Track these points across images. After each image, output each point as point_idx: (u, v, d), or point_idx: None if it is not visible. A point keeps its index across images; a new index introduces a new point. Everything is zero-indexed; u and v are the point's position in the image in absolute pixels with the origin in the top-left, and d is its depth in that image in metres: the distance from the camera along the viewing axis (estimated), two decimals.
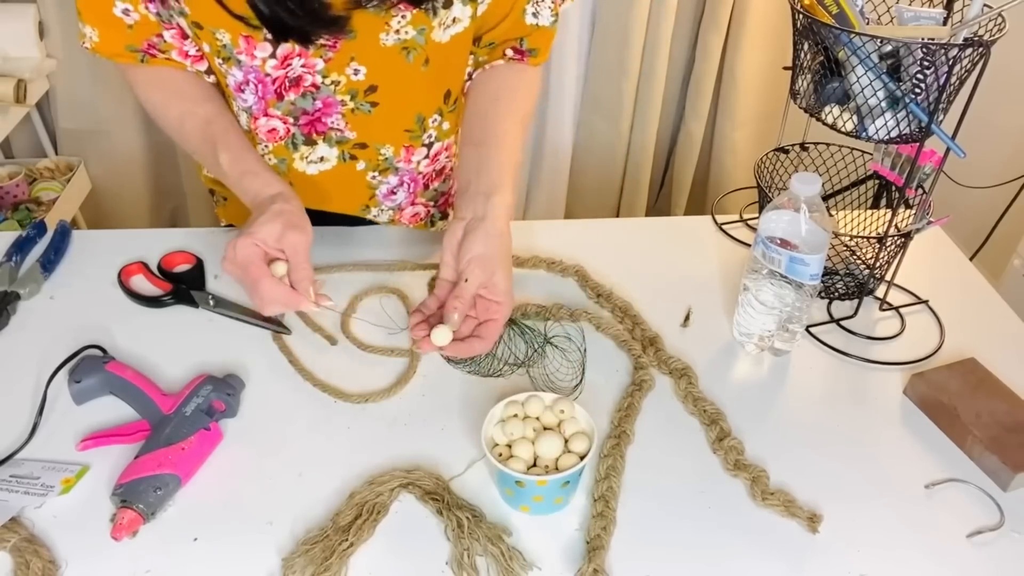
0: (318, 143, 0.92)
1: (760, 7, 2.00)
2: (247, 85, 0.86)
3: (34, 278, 0.95)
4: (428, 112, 0.94)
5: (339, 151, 0.93)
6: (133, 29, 0.84)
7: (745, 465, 0.76)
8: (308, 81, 0.86)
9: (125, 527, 0.67)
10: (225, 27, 0.80)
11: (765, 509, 0.73)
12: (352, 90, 0.87)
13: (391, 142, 0.94)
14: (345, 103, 0.88)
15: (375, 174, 0.97)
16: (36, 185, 1.99)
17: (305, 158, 0.93)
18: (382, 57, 0.85)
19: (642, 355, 0.87)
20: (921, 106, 0.83)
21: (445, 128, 0.97)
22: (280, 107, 0.88)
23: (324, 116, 0.89)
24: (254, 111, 0.89)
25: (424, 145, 0.97)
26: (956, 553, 0.70)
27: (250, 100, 0.88)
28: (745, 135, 2.20)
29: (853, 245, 1.00)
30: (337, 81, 0.86)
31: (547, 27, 0.92)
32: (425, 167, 1.00)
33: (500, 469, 0.68)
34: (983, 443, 0.77)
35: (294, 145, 0.92)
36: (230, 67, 0.85)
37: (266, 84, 0.86)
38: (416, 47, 0.85)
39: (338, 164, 0.94)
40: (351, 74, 0.86)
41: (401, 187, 1.00)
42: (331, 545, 0.67)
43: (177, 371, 0.84)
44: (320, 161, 0.94)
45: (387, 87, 0.88)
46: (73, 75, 1.98)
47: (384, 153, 0.95)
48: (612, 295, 0.96)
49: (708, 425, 0.80)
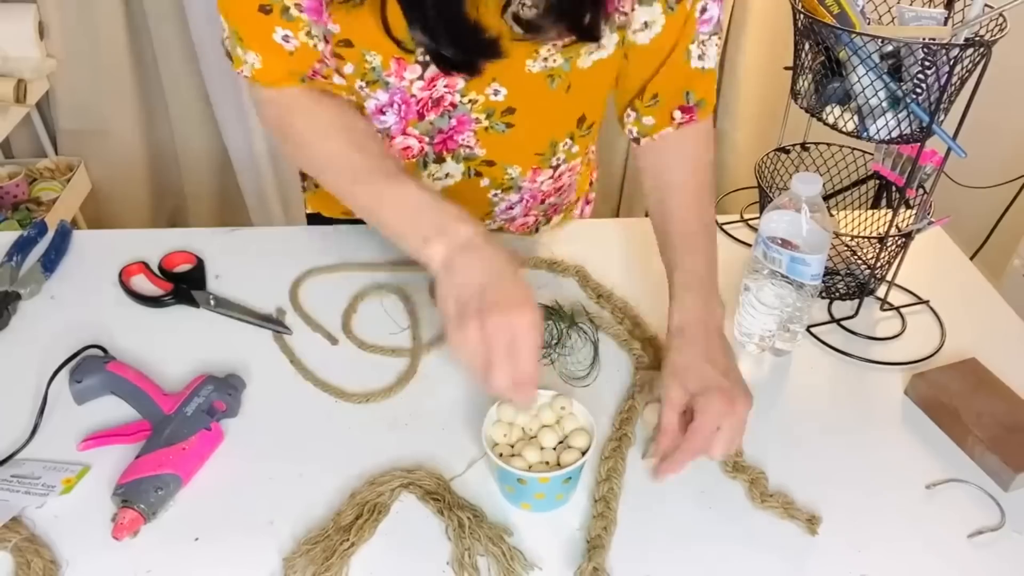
0: (446, 160, 0.90)
1: (760, 7, 2.00)
2: (390, 107, 0.84)
3: (35, 278, 0.95)
4: (561, 137, 0.92)
5: (465, 167, 0.91)
6: (295, 56, 0.79)
7: (743, 467, 0.76)
8: (447, 100, 0.84)
9: (126, 527, 0.67)
10: (377, 49, 0.78)
11: (765, 511, 0.73)
12: (489, 109, 0.85)
13: (520, 163, 0.92)
14: (479, 121, 0.86)
15: (498, 191, 0.95)
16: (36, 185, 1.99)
17: (432, 176, 0.92)
18: (525, 81, 0.83)
19: (643, 355, 0.87)
20: (922, 106, 0.83)
21: (574, 151, 0.96)
22: (419, 127, 0.86)
23: (456, 134, 0.87)
24: (392, 131, 0.87)
25: (551, 167, 0.95)
26: (957, 553, 0.70)
27: (390, 121, 0.86)
28: (745, 135, 2.20)
29: (854, 245, 1.00)
30: (475, 100, 0.84)
31: (712, 70, 0.86)
32: (547, 186, 0.99)
33: (501, 467, 0.68)
34: (984, 443, 0.77)
35: (424, 164, 0.91)
36: (374, 90, 0.83)
37: (410, 105, 0.84)
38: (561, 74, 0.84)
39: (462, 180, 0.93)
40: (490, 94, 0.84)
41: (520, 203, 0.99)
42: (332, 545, 0.67)
43: (178, 371, 0.84)
44: (445, 178, 0.92)
45: (525, 110, 0.86)
46: (73, 75, 1.98)
47: (511, 173, 0.93)
48: (612, 295, 0.96)
49: None
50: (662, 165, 0.89)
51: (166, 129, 2.15)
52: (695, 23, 0.83)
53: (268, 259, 1.00)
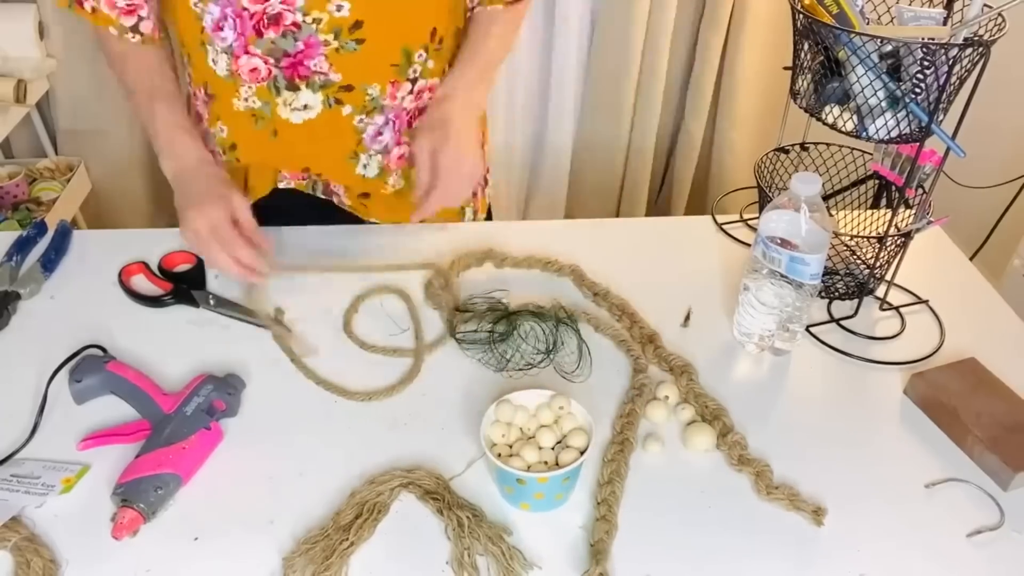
0: (301, 88, 0.91)
1: (760, 7, 2.00)
2: (225, 21, 0.85)
3: (35, 278, 0.95)
4: (414, 46, 0.93)
5: (323, 96, 0.92)
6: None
7: (749, 460, 0.76)
8: (288, 20, 0.84)
9: (126, 526, 0.67)
10: None
11: (770, 503, 0.73)
12: (336, 28, 0.86)
13: (377, 80, 0.93)
14: (328, 43, 0.87)
15: (362, 116, 0.96)
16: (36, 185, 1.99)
17: (289, 104, 0.92)
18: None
19: (641, 356, 0.87)
20: (921, 106, 0.83)
21: (430, 66, 0.97)
22: (260, 44, 0.87)
23: (306, 59, 0.88)
24: (234, 49, 0.88)
25: (409, 80, 0.96)
26: (956, 553, 0.70)
27: (229, 38, 0.87)
28: (745, 135, 2.20)
29: (853, 245, 1.00)
30: (319, 19, 0.84)
31: None
32: (409, 103, 0.99)
33: (500, 467, 0.68)
34: (983, 443, 0.77)
35: (276, 89, 0.91)
36: (206, 5, 0.85)
37: (244, 19, 0.84)
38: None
39: (323, 111, 0.93)
40: (333, 11, 0.84)
41: (387, 126, 0.99)
42: (332, 544, 0.67)
43: (178, 370, 0.84)
44: (304, 109, 0.93)
45: (373, 21, 0.87)
46: (73, 75, 1.98)
47: (371, 93, 0.94)
48: (609, 294, 0.96)
49: (711, 422, 0.80)
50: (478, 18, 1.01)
51: None
52: None
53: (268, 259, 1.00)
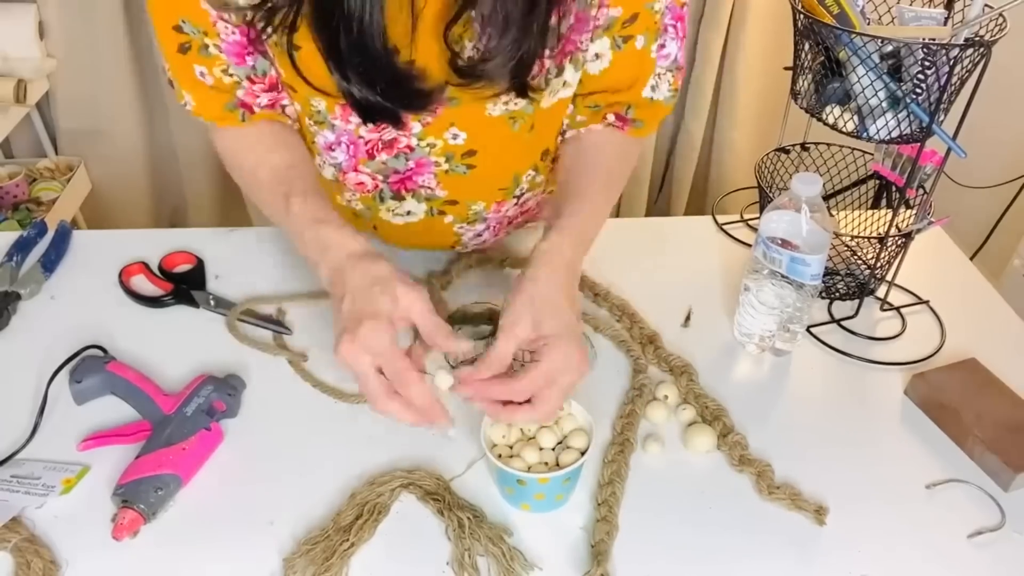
0: (406, 198, 0.89)
1: (760, 7, 2.00)
2: (338, 145, 0.83)
3: (35, 278, 0.95)
4: (524, 170, 0.91)
5: (427, 207, 0.90)
6: (215, 89, 0.79)
7: (751, 460, 0.76)
8: (403, 143, 0.82)
9: (126, 527, 0.67)
10: (320, 96, 0.77)
11: (771, 503, 0.73)
12: (448, 153, 0.83)
13: (483, 199, 0.91)
14: (439, 164, 0.84)
15: (463, 225, 0.94)
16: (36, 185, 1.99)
17: (392, 211, 0.91)
18: (486, 125, 0.81)
19: (641, 356, 0.87)
20: (922, 106, 0.83)
21: (538, 181, 0.94)
22: (370, 165, 0.85)
23: (415, 175, 0.86)
24: (343, 167, 0.86)
25: (515, 198, 0.94)
26: (957, 553, 0.70)
27: (340, 158, 0.85)
28: (745, 135, 2.20)
29: (854, 245, 1.00)
30: (433, 144, 0.82)
31: (662, 103, 0.86)
32: (512, 212, 0.97)
33: (501, 468, 0.68)
34: (984, 443, 0.77)
35: (381, 199, 0.89)
36: (322, 129, 0.82)
37: (358, 145, 0.82)
38: (523, 116, 0.82)
39: (425, 218, 0.91)
40: (449, 138, 0.81)
41: (487, 231, 0.97)
42: (332, 545, 0.67)
43: (178, 371, 0.84)
44: (407, 215, 0.91)
45: (486, 152, 0.84)
46: (73, 75, 1.98)
47: (475, 208, 0.91)
48: (609, 294, 0.96)
49: (712, 422, 0.80)
50: (587, 145, 0.88)
51: (166, 129, 2.15)
52: (653, 61, 0.83)
53: (268, 259, 1.00)
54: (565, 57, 0.78)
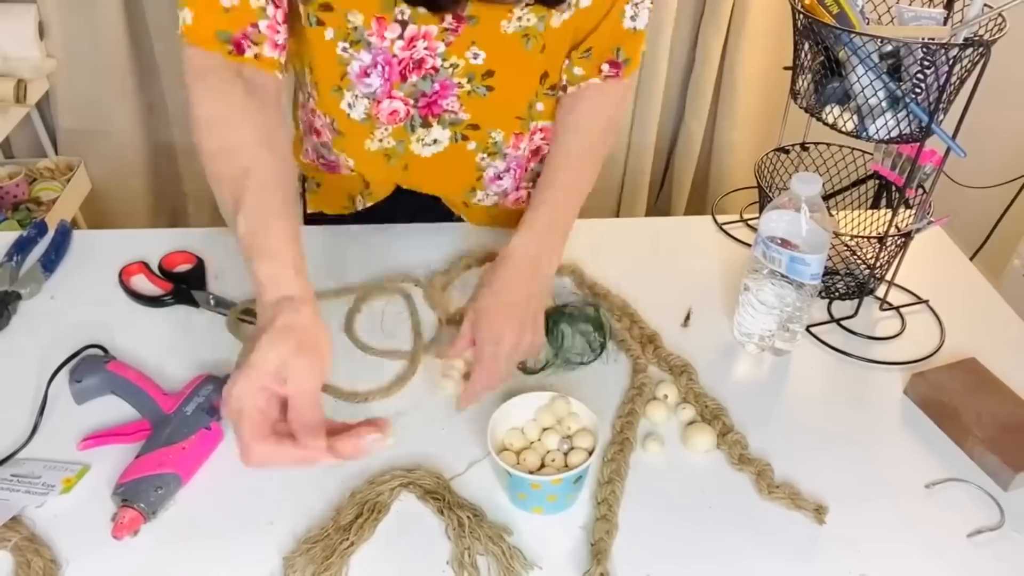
0: (433, 125, 0.93)
1: (760, 7, 2.00)
2: (374, 68, 0.87)
3: (35, 278, 0.95)
4: (533, 97, 0.95)
5: (451, 132, 0.94)
6: (230, 14, 0.78)
7: (750, 459, 0.76)
8: (429, 63, 0.87)
9: (126, 526, 0.67)
10: (358, 7, 0.81)
11: (771, 502, 0.73)
12: (470, 73, 0.88)
13: (502, 127, 0.95)
14: (462, 85, 0.89)
15: (484, 155, 0.98)
16: (36, 185, 1.99)
17: (421, 140, 0.94)
18: (502, 43, 0.86)
19: (640, 356, 0.87)
20: (921, 106, 0.83)
21: (540, 110, 0.98)
22: (403, 88, 0.89)
23: (440, 99, 0.90)
24: (378, 94, 0.89)
25: (530, 132, 0.99)
26: (956, 553, 0.70)
27: (375, 84, 0.88)
28: (745, 135, 2.20)
29: (853, 245, 1.00)
30: (456, 64, 0.87)
31: (641, 31, 0.93)
32: (526, 149, 1.01)
33: (514, 475, 0.68)
34: (984, 443, 0.77)
35: (412, 128, 0.93)
36: (358, 50, 0.85)
37: (392, 66, 0.87)
38: (536, 35, 0.87)
39: (450, 145, 0.95)
40: (470, 57, 0.87)
41: (508, 173, 1.01)
42: (332, 544, 0.67)
43: (178, 370, 0.84)
44: (434, 143, 0.95)
45: (504, 72, 0.89)
46: (73, 75, 1.98)
47: (494, 137, 0.96)
48: (609, 294, 0.96)
49: (711, 421, 0.80)
50: (577, 112, 0.96)
51: (166, 129, 2.15)
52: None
53: None
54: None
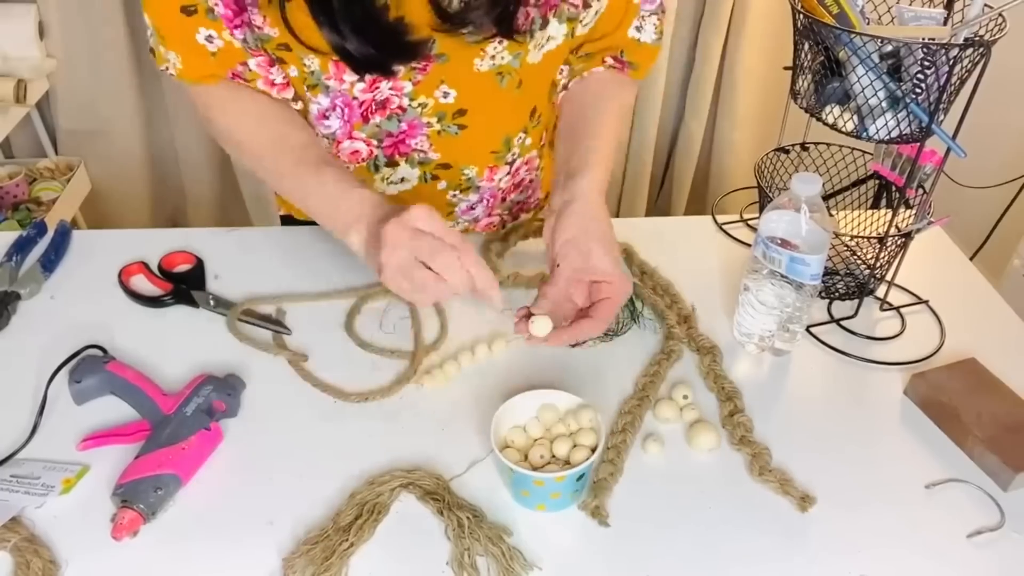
0: (400, 164, 0.90)
1: (760, 7, 2.00)
2: (332, 111, 0.85)
3: (34, 278, 0.95)
4: (515, 132, 0.92)
5: (421, 171, 0.91)
6: (216, 57, 0.80)
7: (750, 441, 0.77)
8: (395, 103, 0.84)
9: (126, 527, 0.67)
10: (313, 53, 0.78)
11: (761, 484, 0.74)
12: (440, 112, 0.85)
13: (476, 164, 0.92)
14: (431, 125, 0.86)
15: (456, 192, 0.95)
16: (36, 185, 1.99)
17: (386, 179, 0.92)
18: (474, 82, 0.83)
19: (675, 326, 0.90)
20: (921, 106, 0.83)
21: (527, 144, 0.96)
22: (365, 130, 0.86)
23: (408, 138, 0.87)
24: (337, 135, 0.87)
25: (507, 163, 0.95)
26: (956, 553, 0.70)
27: (335, 126, 0.86)
28: (745, 135, 2.20)
29: (853, 245, 1.00)
30: (424, 104, 0.84)
31: (649, 44, 0.92)
32: (505, 183, 0.99)
33: (517, 472, 0.68)
34: (984, 443, 0.77)
35: (376, 167, 0.91)
36: (315, 94, 0.83)
37: (352, 108, 0.84)
38: (511, 71, 0.84)
39: (419, 184, 0.93)
40: (440, 97, 0.84)
41: (480, 203, 0.99)
42: (331, 545, 0.67)
43: (177, 371, 0.84)
44: (401, 182, 0.92)
45: (477, 110, 0.86)
46: (73, 75, 1.98)
47: (467, 174, 0.93)
48: (656, 273, 0.99)
49: (724, 402, 0.82)
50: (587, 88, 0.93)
51: (166, 129, 2.15)
52: (636, 7, 0.89)
53: (268, 259, 1.01)
54: (550, 10, 0.81)
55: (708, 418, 0.81)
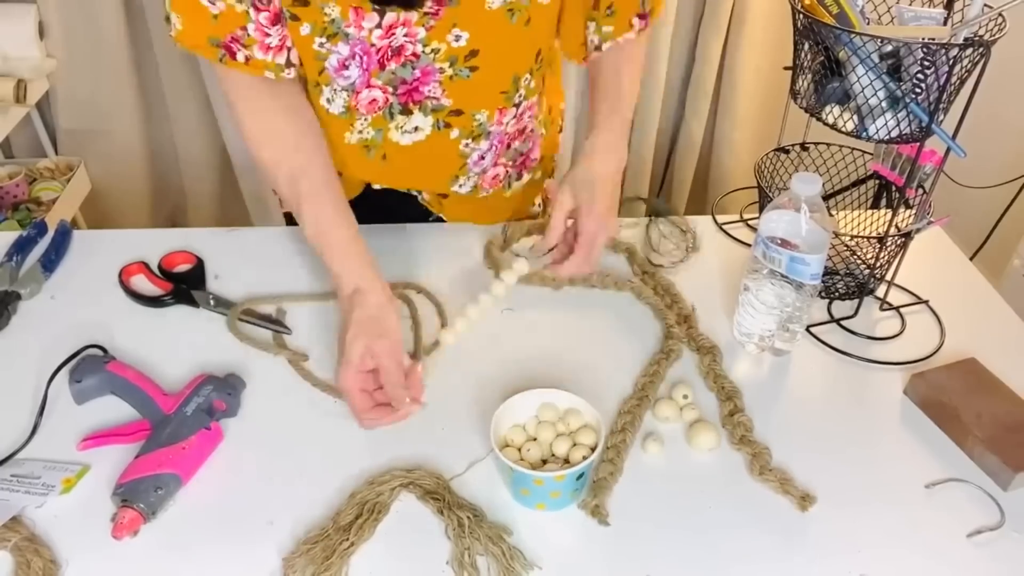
0: (414, 112, 0.92)
1: (760, 7, 2.00)
2: (352, 59, 0.86)
3: (35, 278, 0.95)
4: (522, 71, 0.94)
5: (434, 119, 0.93)
6: (217, 20, 0.80)
7: (750, 441, 0.77)
8: (409, 50, 0.85)
9: (126, 526, 0.67)
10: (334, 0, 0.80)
11: (761, 484, 0.74)
12: (452, 57, 0.87)
13: (486, 106, 0.94)
14: (443, 70, 0.88)
15: (468, 141, 0.96)
16: (36, 185, 1.99)
17: (400, 127, 0.93)
18: (486, 21, 0.85)
19: (674, 326, 0.90)
20: (921, 106, 0.83)
21: (532, 86, 0.97)
22: (382, 76, 0.88)
23: (421, 85, 0.89)
24: (356, 85, 0.89)
25: (514, 105, 0.97)
26: (956, 553, 0.70)
27: (354, 75, 0.87)
28: (745, 135, 2.20)
29: (853, 245, 1.00)
30: (437, 49, 0.86)
31: None
32: (511, 127, 1.00)
33: (517, 471, 0.68)
34: (983, 443, 0.77)
35: (391, 115, 0.92)
36: (335, 43, 0.84)
37: (371, 55, 0.85)
38: (520, 8, 0.85)
39: (432, 133, 0.94)
40: (452, 40, 0.85)
41: (489, 151, 1.00)
42: (332, 545, 0.67)
43: (177, 371, 0.84)
44: (415, 131, 0.94)
45: (488, 51, 0.88)
46: (73, 75, 1.98)
47: (478, 118, 0.94)
48: (657, 274, 1.00)
49: (724, 401, 0.82)
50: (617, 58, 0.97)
51: (166, 129, 2.15)
52: None
53: (268, 259, 1.01)
54: None
55: (708, 418, 0.81)
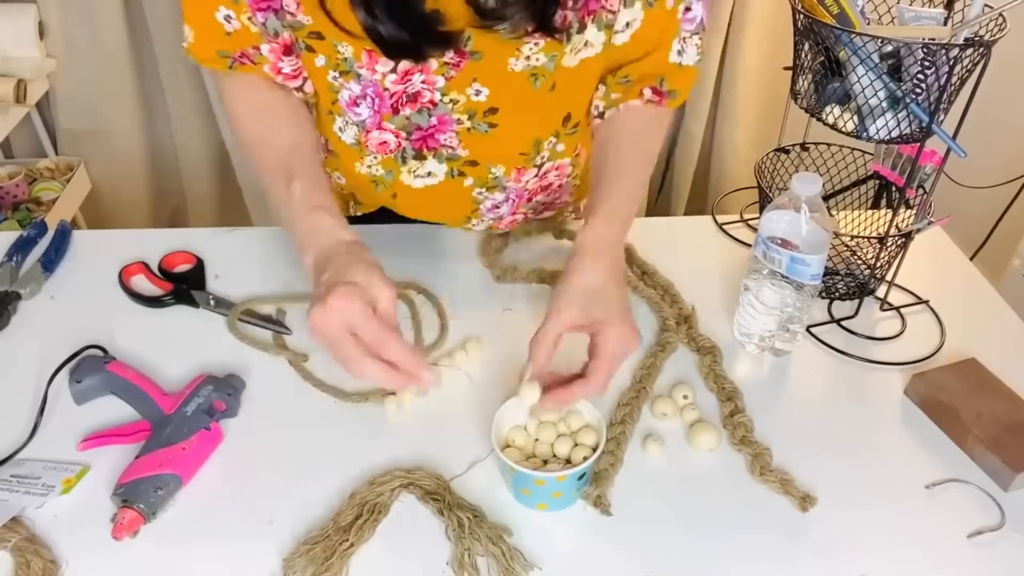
0: (428, 158, 0.89)
1: (760, 7, 2.00)
2: (363, 99, 0.84)
3: (35, 278, 0.95)
4: (545, 136, 0.91)
5: (448, 167, 0.90)
6: (231, 37, 0.81)
7: (750, 441, 0.77)
8: (426, 97, 0.83)
9: (126, 527, 0.67)
10: (348, 40, 0.78)
11: (762, 484, 0.74)
12: (471, 110, 0.84)
13: (503, 163, 0.91)
14: (461, 122, 0.85)
15: (482, 190, 0.94)
16: (36, 185, 1.99)
17: (413, 172, 0.91)
18: (507, 81, 0.82)
19: (670, 319, 0.91)
20: (922, 106, 0.83)
21: (559, 150, 0.94)
22: (394, 121, 0.86)
23: (438, 133, 0.86)
24: (367, 124, 0.87)
25: (535, 166, 0.94)
26: (957, 553, 0.70)
27: (364, 114, 0.86)
28: (745, 135, 2.20)
29: (854, 245, 1.00)
30: (456, 100, 0.83)
31: (691, 67, 0.88)
32: (533, 184, 0.97)
33: (518, 471, 0.68)
34: (984, 443, 0.77)
35: (403, 159, 0.90)
36: (347, 81, 0.83)
37: (383, 98, 0.83)
38: (545, 73, 0.83)
39: (445, 180, 0.92)
40: (472, 94, 0.83)
41: (506, 203, 0.97)
42: (332, 545, 0.67)
43: (178, 371, 0.84)
44: (428, 176, 0.91)
45: (508, 110, 0.85)
46: (73, 75, 1.98)
47: (495, 172, 0.92)
48: (656, 274, 1.00)
49: (724, 402, 0.82)
50: (619, 123, 0.91)
51: (166, 129, 2.15)
52: (678, 22, 0.85)
53: (268, 259, 1.01)
54: (589, 15, 0.80)
55: (708, 418, 0.81)
